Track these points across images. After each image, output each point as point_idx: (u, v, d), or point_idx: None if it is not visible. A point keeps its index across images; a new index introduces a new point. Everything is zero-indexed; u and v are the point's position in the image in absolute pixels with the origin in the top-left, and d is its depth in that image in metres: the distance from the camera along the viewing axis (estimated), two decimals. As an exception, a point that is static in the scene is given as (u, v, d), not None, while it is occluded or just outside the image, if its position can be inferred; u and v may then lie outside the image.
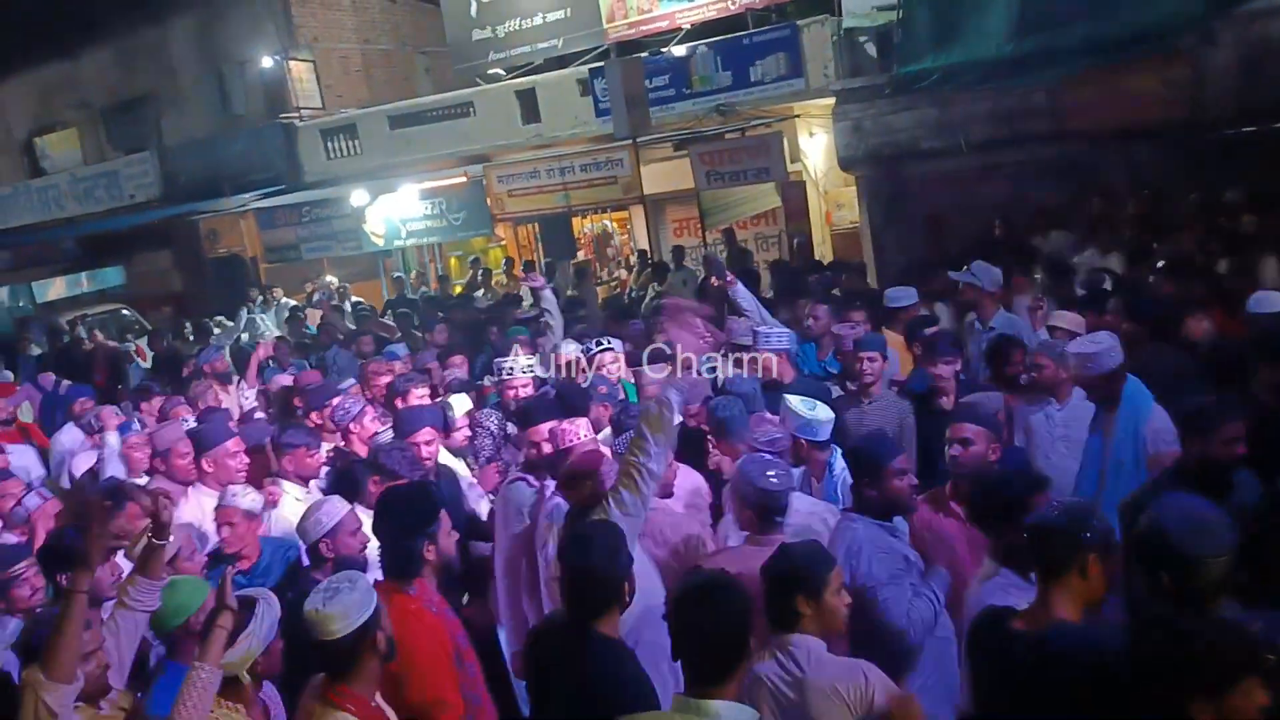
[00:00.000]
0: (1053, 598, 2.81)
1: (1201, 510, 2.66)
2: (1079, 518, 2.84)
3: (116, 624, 3.40)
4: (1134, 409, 4.27)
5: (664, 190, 14.98)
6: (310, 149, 16.51)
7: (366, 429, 5.74)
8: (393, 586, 3.45)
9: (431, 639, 3.39)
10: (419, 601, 3.47)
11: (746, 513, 3.72)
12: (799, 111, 13.63)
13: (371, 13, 19.86)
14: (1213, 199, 9.61)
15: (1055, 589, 2.81)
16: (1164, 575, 2.61)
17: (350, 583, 2.98)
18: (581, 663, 3.03)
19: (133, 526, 4.10)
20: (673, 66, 13.09)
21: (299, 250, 16.98)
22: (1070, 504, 2.99)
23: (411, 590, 3.48)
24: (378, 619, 2.98)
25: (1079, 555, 2.78)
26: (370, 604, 2.96)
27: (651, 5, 14.16)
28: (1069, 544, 2.79)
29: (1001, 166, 11.03)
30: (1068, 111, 10.52)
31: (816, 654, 2.97)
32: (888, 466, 3.67)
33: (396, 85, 19.73)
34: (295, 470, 5.29)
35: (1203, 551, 2.57)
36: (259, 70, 17.92)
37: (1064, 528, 2.82)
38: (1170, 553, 2.59)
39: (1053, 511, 2.90)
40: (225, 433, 5.50)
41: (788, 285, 9.76)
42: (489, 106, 14.83)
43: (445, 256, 18.84)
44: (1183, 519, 2.63)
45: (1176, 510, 2.67)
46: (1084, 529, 2.80)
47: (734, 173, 12.55)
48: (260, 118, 17.84)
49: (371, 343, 9.31)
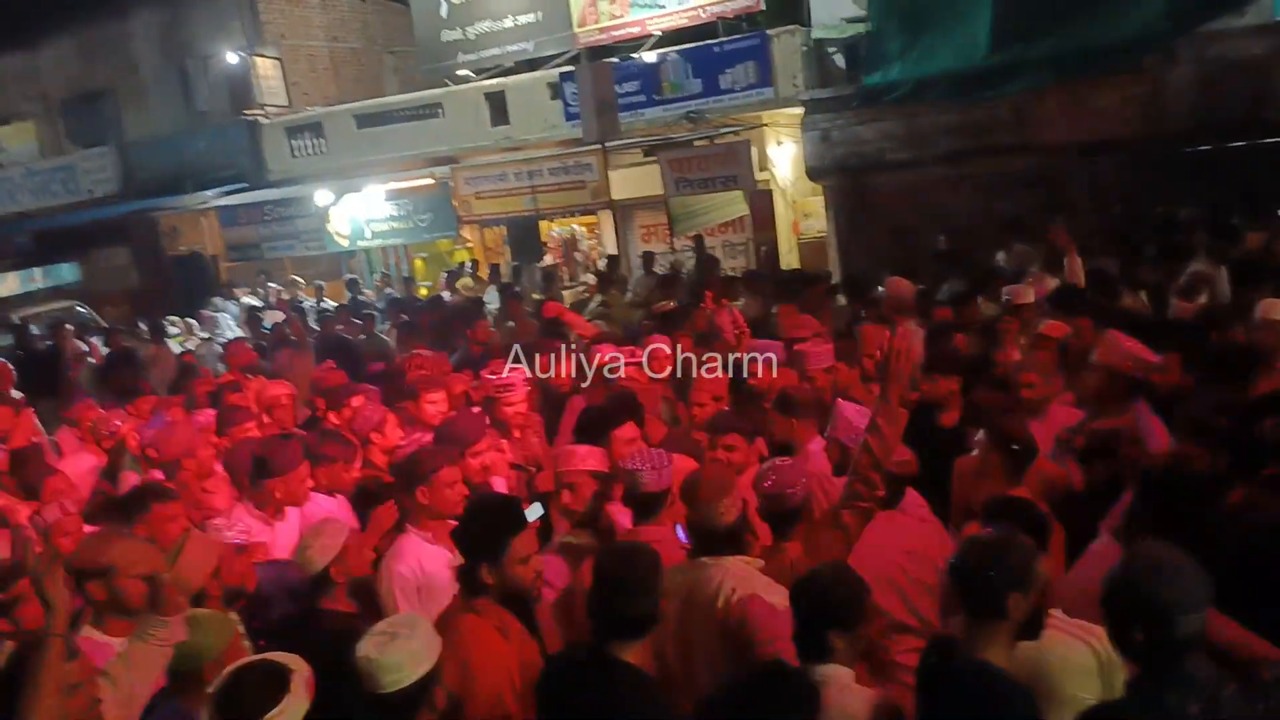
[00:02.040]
0: (977, 635, 2.63)
1: (1177, 561, 2.43)
2: (1001, 554, 2.62)
3: (130, 660, 2.98)
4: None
5: (633, 196, 14.98)
6: (275, 147, 16.34)
7: (388, 438, 5.27)
8: (464, 605, 3.13)
9: (496, 666, 3.06)
10: (487, 623, 3.12)
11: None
12: (768, 120, 13.71)
13: (340, 11, 19.72)
14: (1171, 215, 9.77)
15: (979, 627, 2.63)
16: (1136, 629, 2.40)
17: (410, 627, 2.64)
18: (601, 693, 2.74)
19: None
20: (643, 73, 13.12)
21: (261, 249, 16.76)
22: (989, 539, 2.72)
23: (480, 610, 3.12)
24: (439, 672, 2.64)
25: (1001, 598, 2.59)
26: (433, 654, 2.62)
27: (623, 11, 14.18)
28: (990, 588, 2.59)
29: (967, 178, 11.16)
30: (1033, 125, 10.67)
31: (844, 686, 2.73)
32: None
33: (364, 84, 19.60)
34: (328, 484, 4.84)
35: (1178, 606, 2.35)
36: (223, 66, 17.72)
37: (986, 568, 2.60)
38: (1143, 605, 2.38)
39: (973, 547, 2.68)
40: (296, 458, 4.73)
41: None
42: (457, 108, 14.76)
43: (411, 258, 18.71)
44: (1157, 569, 2.41)
45: (1150, 560, 2.45)
46: (1005, 568, 2.59)
47: (702, 180, 12.59)
48: (224, 114, 17.64)
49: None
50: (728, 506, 3.27)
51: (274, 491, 4.56)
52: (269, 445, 4.86)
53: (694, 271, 12.93)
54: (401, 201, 15.40)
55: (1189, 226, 9.07)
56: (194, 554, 3.51)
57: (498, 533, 3.09)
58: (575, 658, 2.95)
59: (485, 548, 3.07)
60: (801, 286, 8.69)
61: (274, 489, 4.56)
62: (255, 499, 4.60)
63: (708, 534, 3.29)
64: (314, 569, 3.59)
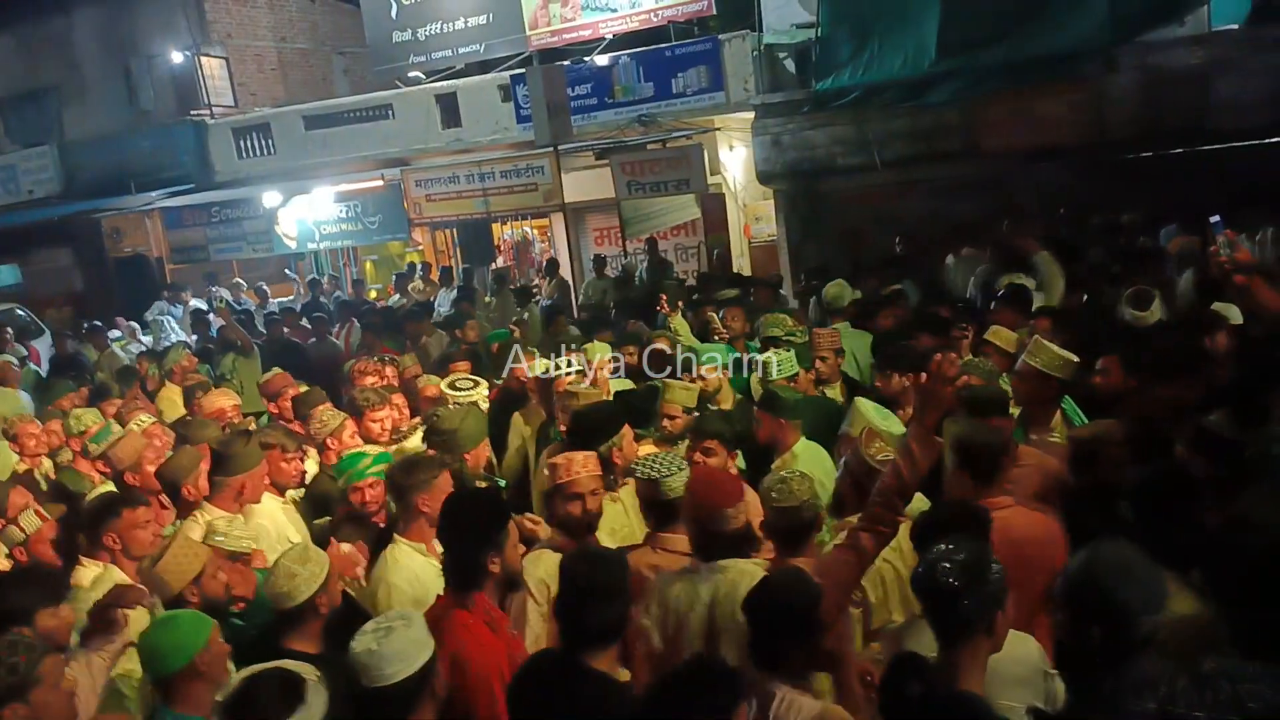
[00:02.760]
0: (956, 661, 2.53)
1: (1141, 563, 2.39)
2: (978, 570, 2.52)
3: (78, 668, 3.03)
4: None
5: (585, 199, 14.96)
6: (221, 148, 16.10)
7: (345, 445, 5.20)
8: (452, 600, 3.13)
9: (488, 660, 3.05)
10: (478, 618, 3.12)
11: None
12: (719, 124, 13.76)
13: (288, 11, 19.49)
14: (1114, 219, 9.96)
15: (959, 652, 2.54)
16: (1094, 628, 2.35)
17: (406, 621, 2.67)
18: (570, 702, 2.70)
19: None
20: (595, 76, 13.11)
21: (208, 251, 16.49)
22: (964, 556, 2.55)
23: (470, 605, 3.10)
24: (436, 662, 2.67)
25: (984, 615, 2.51)
26: (430, 645, 2.65)
27: (574, 14, 14.16)
28: (973, 607, 2.50)
29: (916, 183, 11.29)
30: (980, 131, 10.81)
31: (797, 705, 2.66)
32: None
33: (313, 85, 19.39)
34: (271, 473, 4.75)
35: (1139, 607, 2.32)
36: (168, 65, 17.42)
37: (967, 588, 2.49)
38: (1104, 605, 2.32)
39: (947, 566, 2.52)
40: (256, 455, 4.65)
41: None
42: (408, 109, 14.64)
43: (360, 260, 18.53)
44: (1121, 571, 2.36)
45: (1114, 560, 2.39)
46: (984, 584, 2.51)
47: (654, 183, 12.60)
48: (169, 114, 17.36)
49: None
50: (739, 511, 3.26)
51: (237, 489, 4.44)
52: (229, 441, 4.78)
53: (646, 274, 12.96)
54: (351, 203, 15.24)
55: (1129, 230, 9.28)
56: (178, 557, 3.48)
57: (498, 521, 3.15)
58: (545, 665, 2.91)
59: (489, 538, 3.11)
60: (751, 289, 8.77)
61: (236, 487, 4.45)
62: (216, 500, 4.46)
63: (714, 538, 3.25)
64: (296, 601, 3.24)
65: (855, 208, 11.72)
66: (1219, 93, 9.75)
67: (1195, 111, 9.82)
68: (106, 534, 4.06)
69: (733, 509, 3.26)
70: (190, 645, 2.94)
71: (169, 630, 2.99)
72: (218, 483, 4.49)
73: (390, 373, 6.91)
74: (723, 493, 3.30)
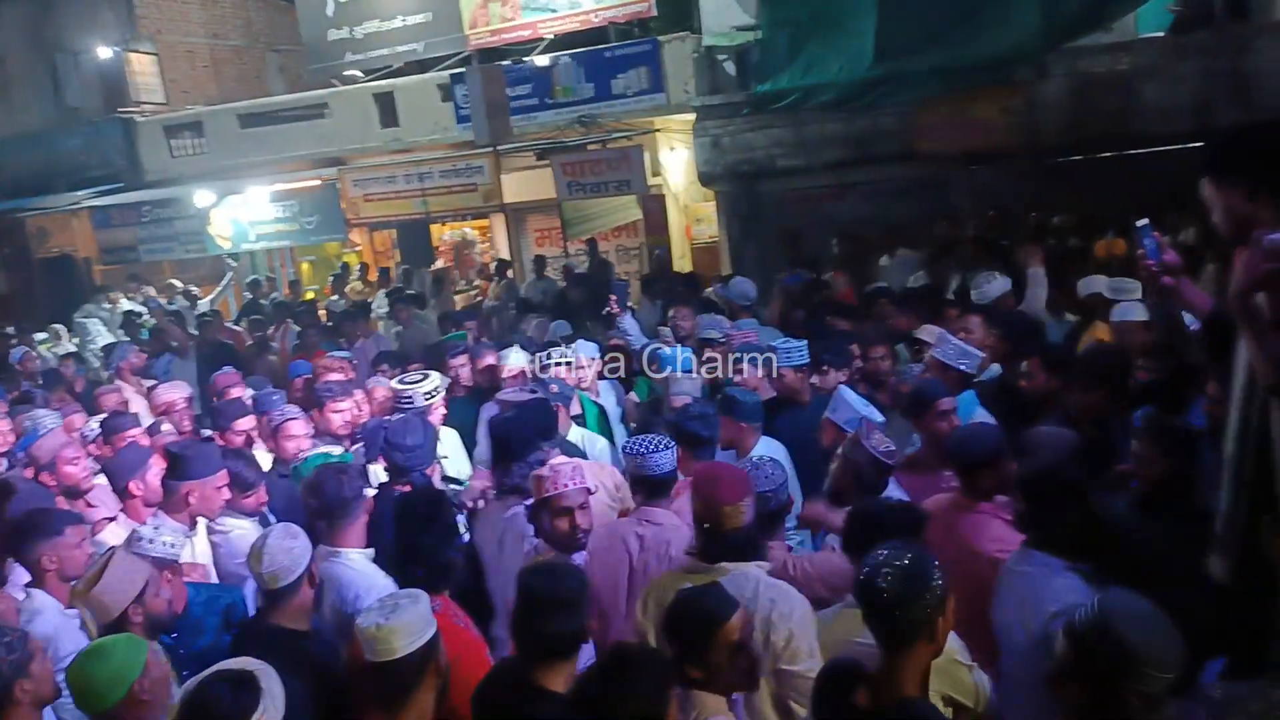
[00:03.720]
0: (900, 668, 2.49)
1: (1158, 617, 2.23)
2: (922, 577, 2.45)
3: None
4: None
5: (526, 199, 14.90)
6: (152, 146, 15.74)
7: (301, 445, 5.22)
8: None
9: (474, 655, 3.03)
10: (448, 617, 3.09)
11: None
12: (660, 126, 13.79)
13: (221, 7, 19.12)
14: (1046, 222, 10.17)
15: (903, 659, 2.49)
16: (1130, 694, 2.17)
17: (411, 599, 2.72)
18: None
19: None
20: (535, 76, 13.06)
21: (138, 252, 16.10)
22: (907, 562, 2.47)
23: (437, 605, 3.01)
24: (440, 639, 2.72)
25: (927, 621, 2.46)
26: (433, 621, 2.70)
27: (514, 14, 14.08)
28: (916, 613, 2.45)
29: (854, 186, 11.43)
30: (916, 134, 10.97)
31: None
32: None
33: (247, 83, 19.04)
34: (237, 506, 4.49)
35: (1162, 665, 2.16)
36: (96, 62, 16.97)
37: (910, 596, 2.43)
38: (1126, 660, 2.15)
39: (890, 574, 2.45)
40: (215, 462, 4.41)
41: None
42: (345, 108, 14.45)
43: (297, 261, 18.23)
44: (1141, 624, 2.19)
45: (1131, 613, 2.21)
46: (927, 591, 2.44)
47: (595, 184, 12.59)
48: (97, 111, 16.90)
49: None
50: (747, 507, 3.21)
51: (189, 496, 4.21)
52: (187, 445, 4.62)
53: (588, 275, 12.93)
54: (287, 203, 14.99)
55: (1060, 232, 9.49)
56: (117, 577, 3.19)
57: (449, 520, 3.25)
58: (501, 681, 2.86)
59: (446, 537, 3.18)
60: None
61: (189, 493, 4.20)
62: (166, 507, 4.26)
63: (717, 537, 3.19)
64: (283, 581, 3.19)
65: (795, 209, 11.83)
66: (1145, 98, 10.02)
67: (1122, 116, 10.08)
68: (43, 551, 3.71)
69: (736, 505, 3.17)
70: (127, 674, 2.74)
71: (101, 661, 2.76)
72: (168, 486, 4.28)
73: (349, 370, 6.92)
74: (727, 487, 3.21)
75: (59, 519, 3.86)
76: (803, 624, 2.99)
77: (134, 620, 3.19)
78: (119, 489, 4.64)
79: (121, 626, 3.13)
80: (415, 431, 4.47)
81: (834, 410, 4.39)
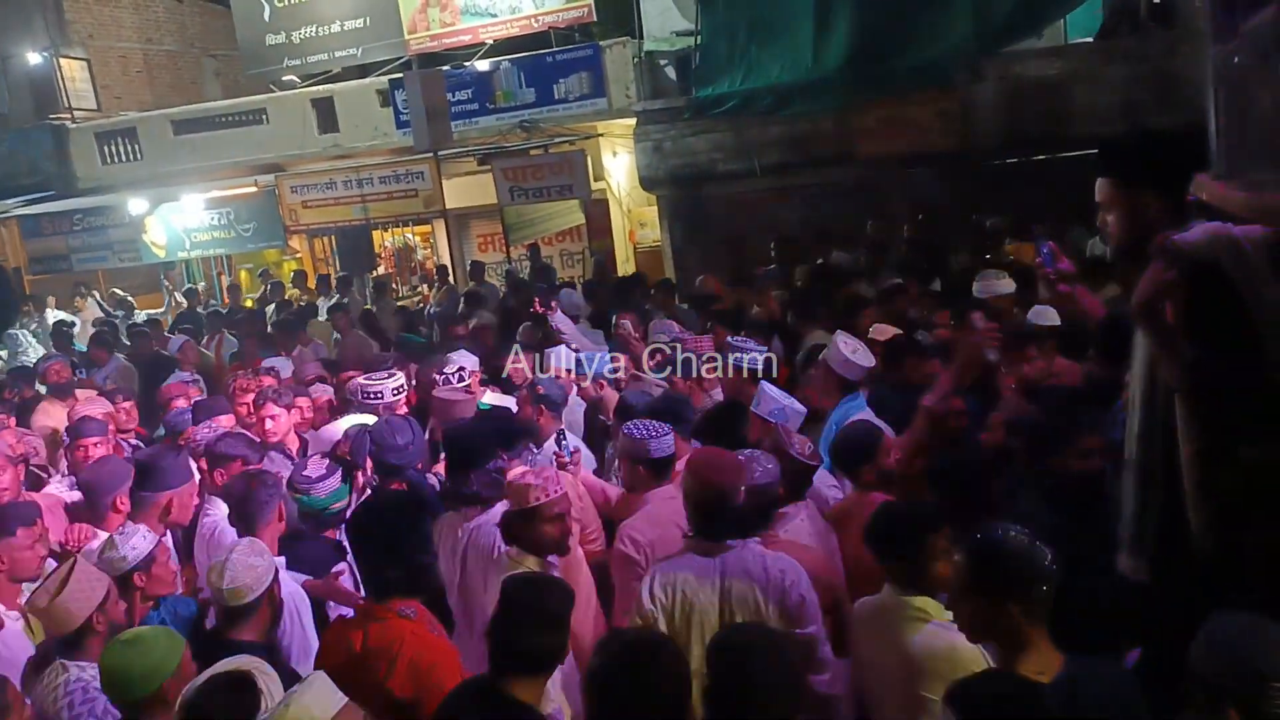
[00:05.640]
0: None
1: (1032, 538, 2.42)
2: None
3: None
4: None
5: (467, 205, 14.81)
6: (84, 153, 15.39)
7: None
8: (387, 610, 2.95)
9: (449, 663, 2.91)
10: (423, 624, 2.99)
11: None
12: (602, 130, 13.79)
13: (154, 11, 18.79)
14: (980, 224, 10.32)
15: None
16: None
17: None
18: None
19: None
20: (476, 81, 13.00)
21: (70, 260, 15.75)
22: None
23: (412, 612, 2.95)
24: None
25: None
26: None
27: (454, 19, 14.02)
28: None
29: (794, 189, 11.51)
30: (854, 138, 11.09)
31: None
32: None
33: (182, 89, 18.75)
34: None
35: (1042, 576, 2.37)
36: (25, 67, 16.58)
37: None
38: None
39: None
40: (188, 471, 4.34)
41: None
42: (283, 114, 14.27)
43: (235, 269, 17.93)
44: (1020, 544, 2.41)
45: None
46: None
47: (538, 189, 12.55)
48: (26, 118, 16.51)
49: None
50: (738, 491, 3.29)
51: (169, 506, 4.10)
52: (159, 453, 4.49)
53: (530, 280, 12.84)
54: (224, 210, 14.75)
55: (994, 235, 9.63)
56: (80, 587, 3.13)
57: (423, 524, 3.16)
58: (470, 694, 2.74)
59: (420, 545, 3.10)
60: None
61: (170, 503, 4.10)
62: (139, 519, 4.04)
63: (716, 516, 3.24)
64: (245, 598, 3.12)
65: (736, 213, 11.89)
66: (1075, 101, 10.23)
67: (1054, 119, 10.27)
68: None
69: (740, 483, 3.28)
70: (162, 670, 2.69)
71: (141, 652, 2.69)
72: (141, 498, 4.15)
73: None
74: (721, 471, 3.28)
75: (11, 519, 3.79)
76: (810, 588, 3.16)
77: (97, 629, 3.14)
78: (101, 504, 4.41)
79: (83, 635, 3.10)
80: (403, 430, 4.43)
81: (757, 404, 4.46)
